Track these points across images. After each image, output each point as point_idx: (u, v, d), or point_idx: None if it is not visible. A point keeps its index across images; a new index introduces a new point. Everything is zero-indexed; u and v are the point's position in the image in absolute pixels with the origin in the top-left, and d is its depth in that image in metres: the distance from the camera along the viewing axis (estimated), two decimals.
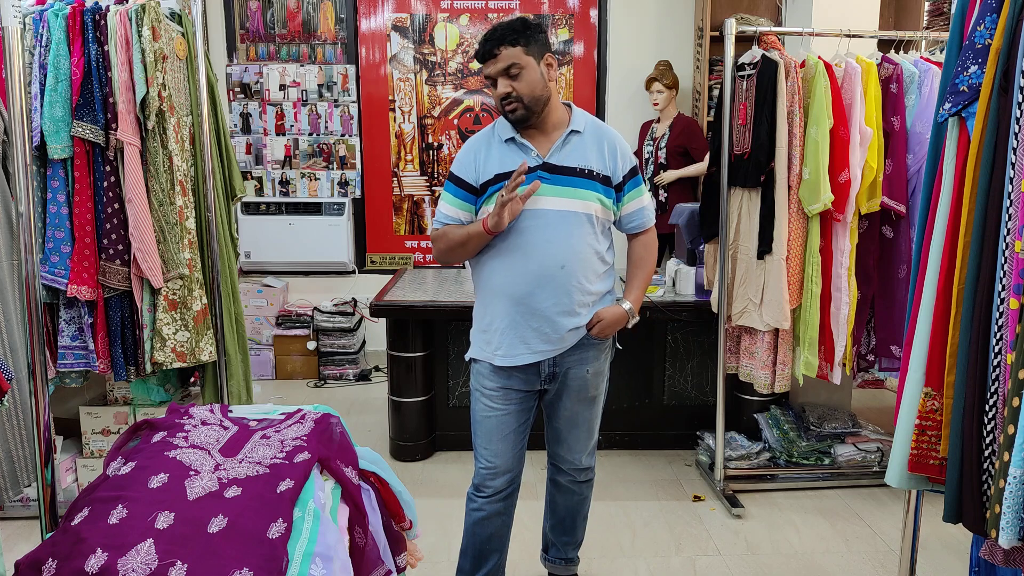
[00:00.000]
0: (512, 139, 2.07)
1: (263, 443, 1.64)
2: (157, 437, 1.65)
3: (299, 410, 1.79)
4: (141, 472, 1.52)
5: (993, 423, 1.47)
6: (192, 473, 1.51)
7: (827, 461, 3.34)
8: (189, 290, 2.68)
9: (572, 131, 2.08)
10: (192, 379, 3.17)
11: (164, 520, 1.40)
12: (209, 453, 1.58)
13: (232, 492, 1.47)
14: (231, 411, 1.81)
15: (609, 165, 2.10)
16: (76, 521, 1.42)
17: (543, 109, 2.04)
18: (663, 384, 3.67)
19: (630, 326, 2.19)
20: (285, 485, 1.50)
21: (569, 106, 2.14)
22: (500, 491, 2.19)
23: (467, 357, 2.22)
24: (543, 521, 2.46)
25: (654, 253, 2.29)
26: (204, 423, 1.71)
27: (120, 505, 1.43)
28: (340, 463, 1.65)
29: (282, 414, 1.79)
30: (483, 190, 2.08)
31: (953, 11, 1.69)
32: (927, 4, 4.34)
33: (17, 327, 2.36)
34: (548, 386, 2.18)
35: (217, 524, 1.40)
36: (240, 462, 1.57)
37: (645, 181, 4.55)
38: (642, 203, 2.19)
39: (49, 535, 1.49)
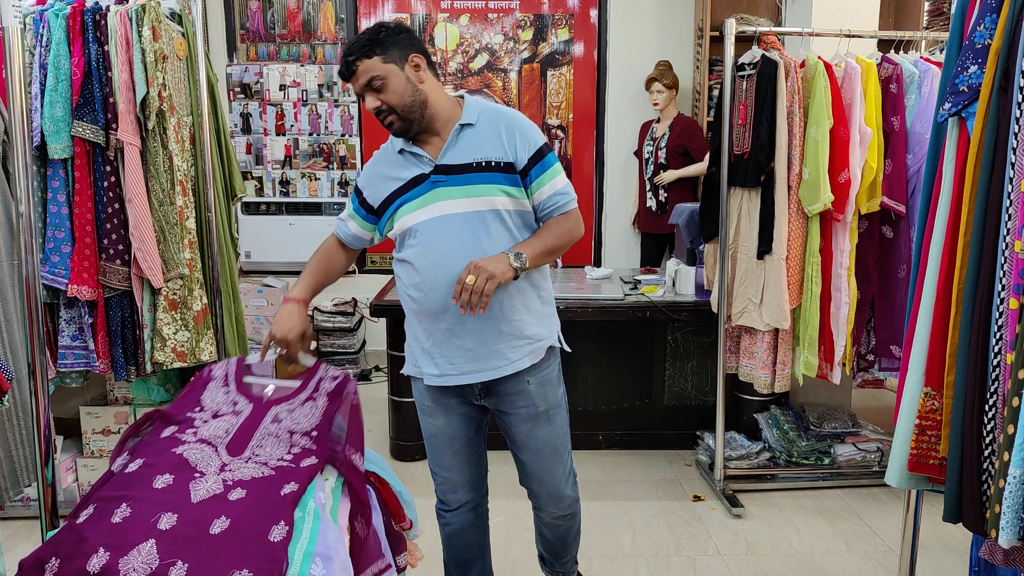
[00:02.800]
0: (403, 150, 1.94)
1: (272, 438, 1.62)
2: (167, 432, 1.63)
3: (318, 378, 1.75)
4: (147, 470, 1.51)
5: (993, 423, 1.47)
6: (197, 475, 1.50)
7: (827, 461, 3.34)
8: (189, 290, 2.68)
9: (462, 125, 1.90)
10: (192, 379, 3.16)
11: (167, 521, 1.39)
12: (216, 451, 1.57)
13: (236, 495, 1.47)
14: (247, 380, 1.79)
15: (509, 151, 1.88)
16: (81, 519, 1.41)
17: (423, 114, 1.88)
18: (663, 384, 3.67)
19: (516, 273, 1.82)
20: (289, 488, 1.49)
21: (462, 98, 1.96)
22: (465, 503, 2.12)
23: (403, 372, 2.10)
24: (535, 542, 2.33)
25: (568, 228, 1.94)
26: (216, 415, 1.69)
27: (124, 504, 1.42)
28: (349, 452, 1.62)
29: (299, 379, 1.75)
30: (384, 209, 1.97)
31: (953, 11, 1.69)
32: (927, 4, 4.34)
33: (17, 327, 2.36)
34: (486, 402, 2.01)
35: (219, 525, 1.39)
36: (247, 461, 1.56)
37: (649, 187, 4.57)
38: (555, 186, 1.91)
39: (52, 533, 1.49)
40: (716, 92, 4.62)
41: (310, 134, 5.17)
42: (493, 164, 1.88)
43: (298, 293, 2.02)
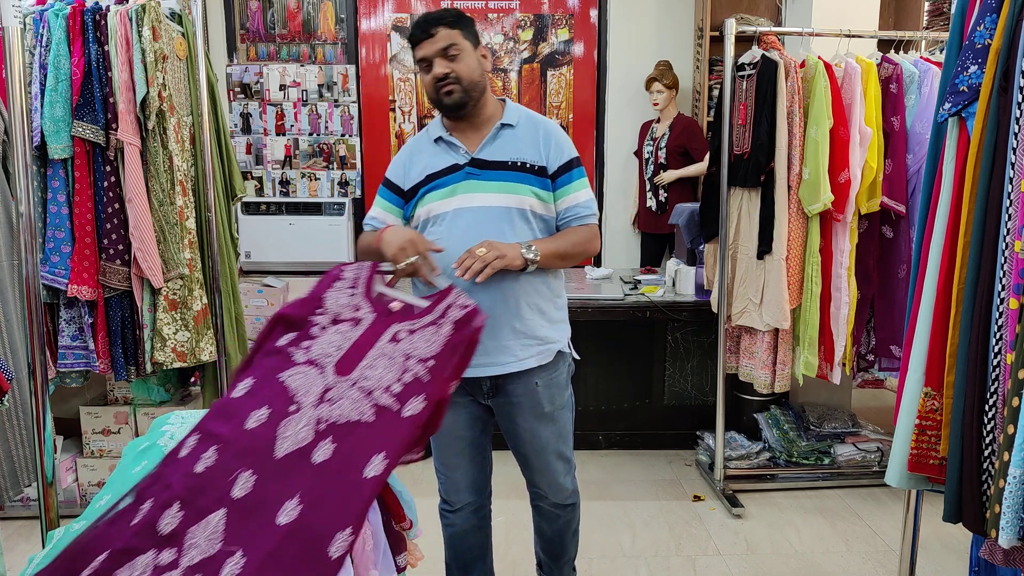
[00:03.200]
0: (440, 138, 1.99)
1: (385, 359, 1.52)
2: (283, 340, 1.56)
3: (447, 303, 1.63)
4: (249, 401, 1.45)
5: (993, 423, 1.47)
6: (292, 408, 1.42)
7: (827, 461, 3.34)
8: (189, 290, 2.68)
9: (503, 124, 1.97)
10: (192, 379, 3.16)
11: (242, 485, 1.33)
12: (322, 372, 1.49)
13: (321, 453, 1.38)
14: (377, 288, 1.67)
15: (543, 154, 1.96)
16: (184, 452, 1.37)
17: (479, 99, 1.95)
18: (663, 384, 3.67)
19: (526, 263, 1.86)
20: (374, 466, 1.37)
21: (504, 101, 2.04)
22: (467, 503, 2.12)
23: None
24: (533, 543, 2.34)
25: (585, 238, 1.99)
26: (336, 320, 1.61)
27: (213, 448, 1.38)
28: (451, 384, 1.53)
29: (429, 300, 1.65)
30: (413, 192, 1.99)
31: (953, 11, 1.69)
32: (927, 4, 4.34)
33: (17, 327, 2.36)
34: (491, 401, 2.02)
35: (287, 514, 1.30)
36: (352, 386, 1.47)
37: (647, 188, 4.57)
38: (578, 198, 1.98)
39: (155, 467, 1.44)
40: (716, 92, 4.62)
41: (310, 134, 5.17)
42: (528, 166, 1.94)
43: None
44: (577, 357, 2.12)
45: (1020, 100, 1.43)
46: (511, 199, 1.92)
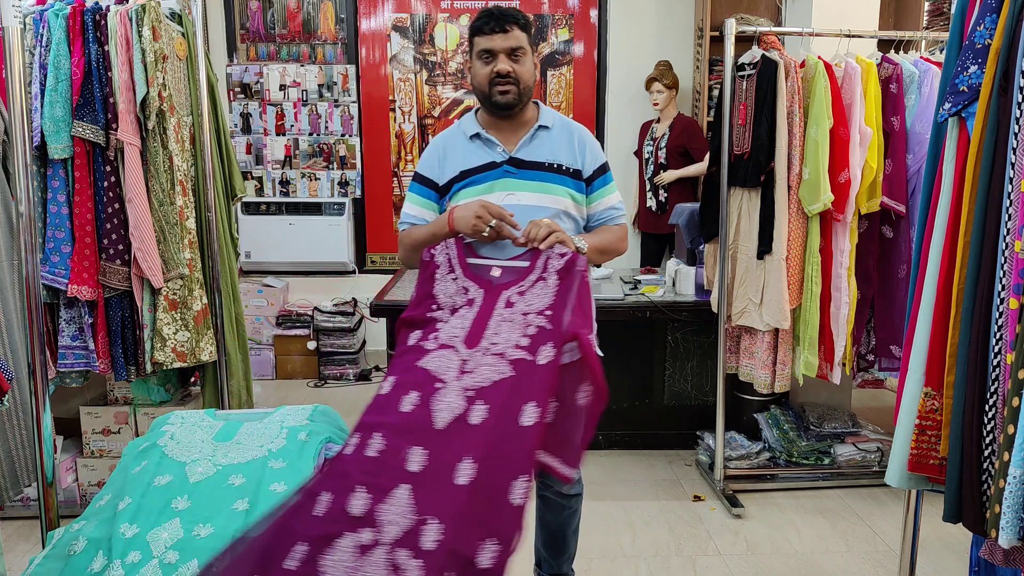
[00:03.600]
0: (477, 135, 2.02)
1: (507, 323, 1.63)
2: (412, 338, 1.67)
3: (545, 256, 1.73)
4: (397, 392, 1.54)
5: (993, 423, 1.47)
6: (439, 385, 1.52)
7: (827, 461, 3.34)
8: (189, 290, 2.68)
9: (540, 126, 2.02)
10: (192, 379, 3.17)
11: (416, 460, 1.40)
12: (455, 349, 1.60)
13: (476, 415, 1.47)
14: (472, 261, 1.79)
15: (579, 159, 2.03)
16: (348, 449, 1.46)
17: (527, 100, 2.00)
18: (663, 384, 3.67)
19: (577, 247, 1.89)
20: (528, 416, 1.46)
21: (536, 104, 2.09)
22: None
23: None
24: (535, 538, 2.36)
25: (620, 237, 2.10)
26: (454, 310, 1.71)
27: (377, 434, 1.46)
28: (584, 333, 1.60)
29: (524, 259, 1.76)
30: (447, 188, 2.02)
31: (953, 11, 1.69)
32: (927, 4, 4.34)
33: (17, 327, 2.36)
34: None
35: (464, 475, 1.38)
36: (484, 354, 1.58)
37: (647, 189, 4.57)
38: (612, 201, 2.09)
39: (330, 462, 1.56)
40: (716, 92, 4.62)
41: (310, 134, 5.17)
42: (564, 168, 2.00)
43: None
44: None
45: (1020, 100, 1.43)
46: (548, 199, 1.97)
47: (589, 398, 1.58)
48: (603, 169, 2.07)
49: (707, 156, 3.67)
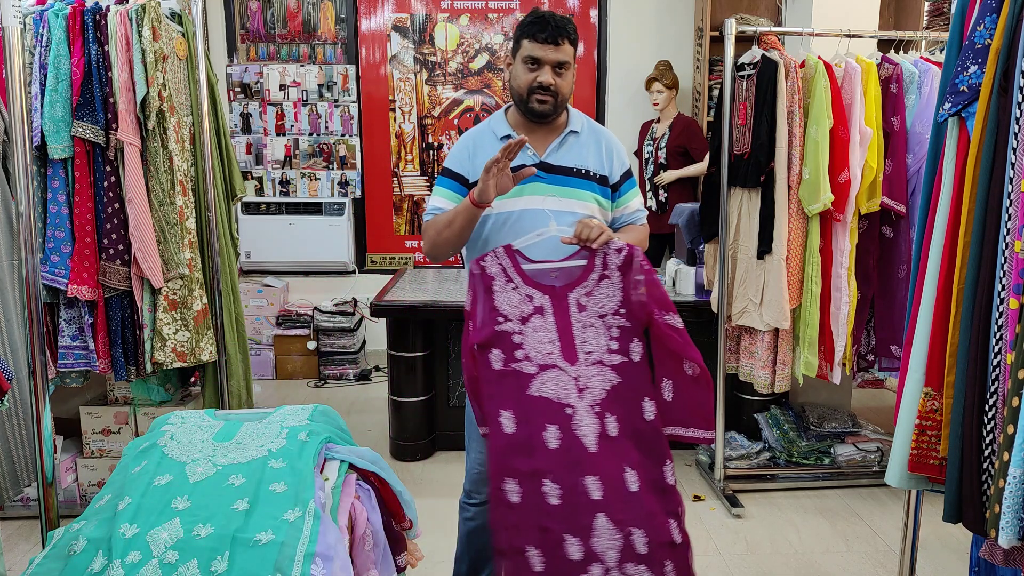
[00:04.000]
0: (508, 136, 2.03)
1: (590, 329, 1.74)
2: (497, 362, 1.72)
3: (602, 254, 1.79)
4: (529, 428, 1.66)
5: (993, 423, 1.47)
6: (570, 411, 1.66)
7: (827, 461, 3.34)
8: (189, 290, 2.68)
9: (570, 131, 2.05)
10: (192, 379, 3.17)
11: (594, 488, 1.60)
12: (560, 368, 1.71)
13: (611, 427, 1.67)
14: (527, 268, 1.80)
15: (606, 165, 2.07)
16: (513, 498, 1.61)
17: (561, 111, 2.03)
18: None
19: (619, 242, 1.92)
20: (649, 410, 1.70)
21: (566, 108, 2.10)
22: None
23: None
24: None
25: (645, 236, 2.16)
26: (524, 319, 1.74)
27: (547, 480, 1.61)
28: (659, 315, 1.73)
29: (580, 257, 1.81)
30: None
31: (953, 11, 1.69)
32: (927, 4, 4.34)
33: (17, 327, 2.36)
34: None
35: (632, 481, 1.63)
36: (588, 366, 1.71)
37: (646, 189, 4.57)
38: (637, 204, 2.14)
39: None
40: (716, 92, 4.62)
41: (310, 134, 5.17)
42: (591, 174, 2.03)
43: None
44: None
45: (1020, 100, 1.43)
46: (575, 204, 2.00)
47: (695, 370, 1.74)
48: (628, 174, 2.12)
49: (707, 156, 3.67)
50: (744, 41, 3.01)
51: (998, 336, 1.47)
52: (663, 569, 1.60)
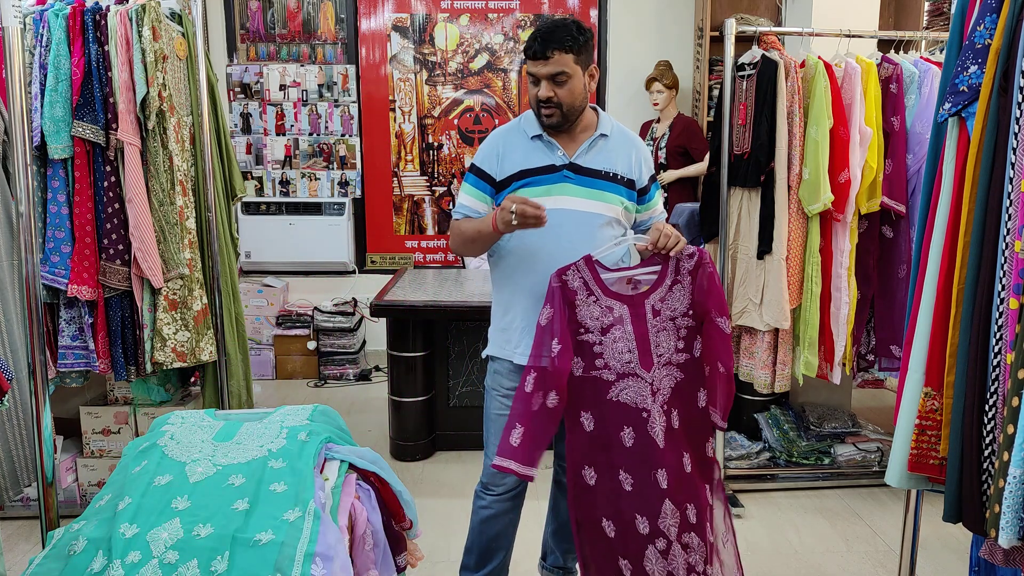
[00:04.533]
0: (539, 136, 2.06)
1: (663, 332, 1.89)
2: (578, 369, 1.89)
3: (675, 260, 1.91)
4: (607, 428, 1.88)
5: (993, 423, 1.47)
6: (645, 415, 1.86)
7: (827, 461, 3.34)
8: (189, 290, 2.68)
9: (600, 134, 2.07)
10: (192, 379, 3.17)
11: (662, 479, 1.86)
12: (638, 377, 1.87)
13: (675, 419, 1.89)
14: (605, 277, 1.91)
15: (635, 170, 2.11)
16: (591, 483, 1.89)
17: (577, 117, 2.04)
18: None
19: (690, 247, 2.01)
20: (702, 399, 1.93)
21: (596, 110, 2.13)
22: (511, 489, 2.17)
23: (484, 354, 2.20)
24: (544, 527, 2.44)
25: None
26: (604, 330, 1.88)
27: (622, 471, 1.87)
28: (714, 315, 1.88)
29: (654, 264, 1.92)
30: (505, 184, 2.06)
31: (953, 11, 1.69)
32: (927, 4, 4.33)
33: (17, 327, 2.36)
34: None
35: (687, 463, 1.89)
36: (659, 367, 1.89)
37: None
38: (659, 209, 2.22)
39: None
40: (716, 92, 4.62)
41: (310, 134, 5.17)
42: (620, 177, 2.08)
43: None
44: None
45: (1020, 100, 1.43)
46: (602, 206, 2.04)
47: (727, 370, 1.92)
48: (654, 177, 2.19)
49: (707, 156, 3.67)
50: (744, 41, 3.01)
51: (998, 336, 1.47)
52: (705, 530, 1.90)
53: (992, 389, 1.47)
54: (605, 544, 1.90)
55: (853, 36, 3.00)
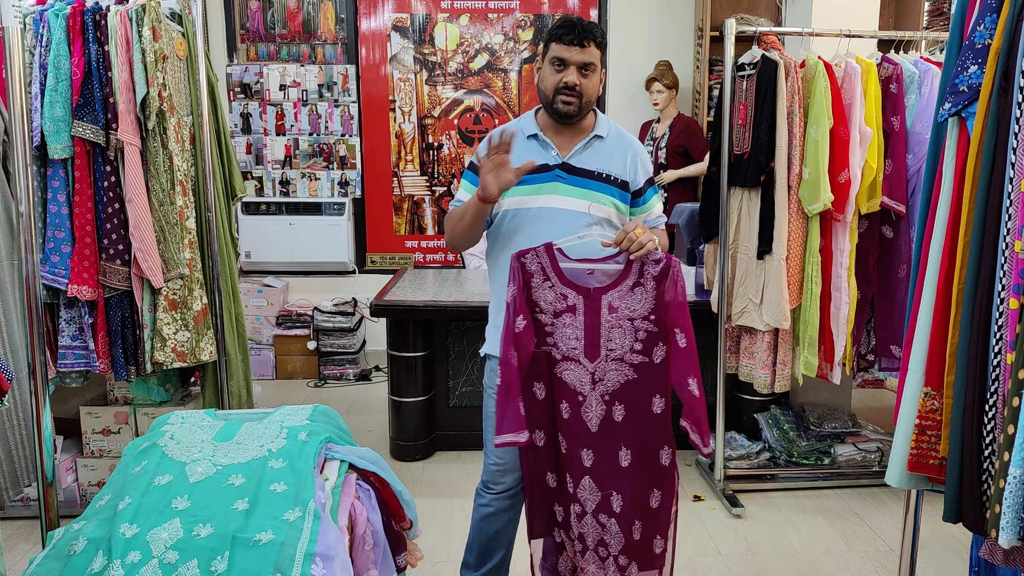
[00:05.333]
0: (535, 135, 2.08)
1: (617, 330, 1.89)
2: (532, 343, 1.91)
3: (639, 263, 1.87)
4: (552, 397, 1.93)
5: (993, 423, 1.47)
6: (581, 398, 1.90)
7: (827, 461, 3.34)
8: (189, 290, 2.68)
9: (595, 136, 2.09)
10: (192, 379, 3.17)
11: (587, 458, 1.91)
12: (582, 364, 1.90)
13: (618, 413, 1.90)
14: (564, 266, 1.90)
15: (630, 172, 2.12)
16: (540, 443, 1.96)
17: (585, 113, 2.07)
18: None
19: (658, 253, 1.96)
20: (658, 405, 1.91)
21: (594, 111, 2.15)
22: (510, 488, 2.19)
23: (482, 352, 2.21)
24: None
25: (666, 239, 2.27)
26: (557, 314, 1.89)
27: (560, 436, 1.94)
28: (671, 325, 1.86)
29: (617, 263, 1.89)
30: None
31: (953, 11, 1.69)
32: (927, 4, 4.34)
33: (17, 327, 2.36)
34: None
35: (625, 459, 1.91)
36: (607, 361, 1.89)
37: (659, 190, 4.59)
38: (658, 210, 2.21)
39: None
40: (716, 92, 4.62)
41: (310, 134, 5.17)
42: (612, 178, 2.09)
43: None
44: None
45: (1020, 100, 1.43)
46: (593, 207, 2.04)
47: (698, 388, 1.90)
48: (652, 180, 2.19)
49: (707, 156, 3.67)
50: (744, 41, 3.01)
51: (998, 336, 1.47)
52: (631, 526, 1.91)
53: (992, 389, 1.47)
54: (546, 492, 2.00)
55: (853, 36, 3.00)
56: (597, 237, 1.91)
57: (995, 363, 1.47)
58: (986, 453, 1.49)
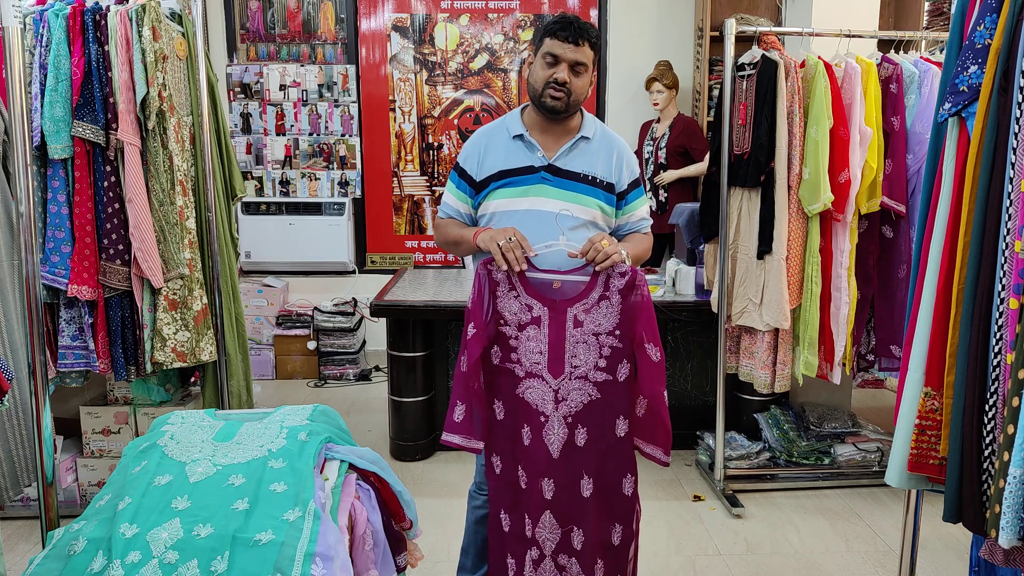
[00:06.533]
0: (520, 136, 2.06)
1: (582, 345, 1.85)
2: (496, 356, 1.88)
3: (605, 276, 1.85)
4: (513, 420, 1.88)
5: (993, 423, 1.47)
6: (543, 419, 1.85)
7: (827, 461, 3.34)
8: (189, 290, 2.68)
9: (582, 137, 2.07)
10: (192, 379, 3.17)
11: (547, 489, 1.85)
12: (544, 380, 1.86)
13: (580, 437, 1.86)
14: (531, 276, 1.87)
15: (615, 173, 2.09)
16: (497, 471, 1.90)
17: (573, 112, 2.05)
18: None
19: (624, 266, 1.92)
20: (621, 427, 1.87)
21: (581, 112, 2.13)
22: None
23: None
24: None
25: (648, 245, 2.19)
26: (521, 327, 1.86)
27: (520, 467, 1.87)
28: (641, 341, 1.82)
29: (582, 273, 1.86)
30: (484, 185, 2.06)
31: (953, 11, 1.69)
32: (927, 4, 4.34)
33: (17, 327, 2.36)
34: None
35: (586, 488, 1.86)
36: (571, 379, 1.85)
37: (646, 190, 4.59)
38: (643, 212, 2.17)
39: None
40: (716, 92, 4.62)
41: (310, 134, 5.17)
42: (598, 180, 2.06)
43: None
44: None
45: (1020, 100, 1.43)
46: (578, 209, 2.02)
47: (660, 401, 1.86)
48: (637, 183, 2.14)
49: (707, 156, 3.67)
50: (744, 41, 3.01)
51: (998, 336, 1.47)
52: (594, 565, 1.87)
53: (992, 389, 1.47)
54: (500, 539, 1.94)
55: (853, 36, 3.00)
56: (564, 247, 1.88)
57: (995, 363, 1.47)
58: (986, 453, 1.49)
